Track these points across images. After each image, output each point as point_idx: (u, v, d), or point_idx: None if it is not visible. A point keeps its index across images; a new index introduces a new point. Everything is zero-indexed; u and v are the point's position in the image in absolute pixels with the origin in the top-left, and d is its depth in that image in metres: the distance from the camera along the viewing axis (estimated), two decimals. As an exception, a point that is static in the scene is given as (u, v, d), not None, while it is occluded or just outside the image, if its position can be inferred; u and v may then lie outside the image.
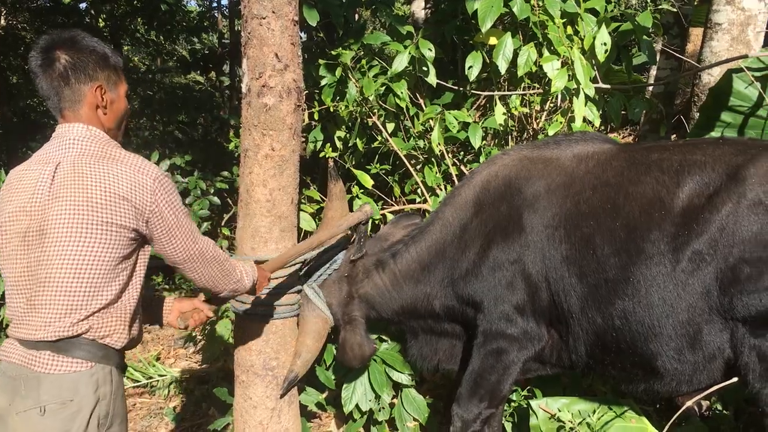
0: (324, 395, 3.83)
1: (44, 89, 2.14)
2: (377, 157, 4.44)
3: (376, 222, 4.05)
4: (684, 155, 2.61)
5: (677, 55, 5.54)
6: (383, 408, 3.67)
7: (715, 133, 3.82)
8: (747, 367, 2.39)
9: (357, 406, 3.61)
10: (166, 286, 6.96)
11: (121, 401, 2.20)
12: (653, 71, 7.14)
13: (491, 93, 4.18)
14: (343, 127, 4.47)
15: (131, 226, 2.07)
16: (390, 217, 4.04)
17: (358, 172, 4.10)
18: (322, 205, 4.15)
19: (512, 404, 3.60)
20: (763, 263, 2.30)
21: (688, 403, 2.60)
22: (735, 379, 2.48)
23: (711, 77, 4.46)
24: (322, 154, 4.37)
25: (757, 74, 3.69)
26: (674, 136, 6.85)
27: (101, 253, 2.04)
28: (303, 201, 4.52)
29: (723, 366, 2.50)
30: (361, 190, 4.00)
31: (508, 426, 3.54)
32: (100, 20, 12.73)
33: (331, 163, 3.51)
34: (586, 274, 2.63)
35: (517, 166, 3.00)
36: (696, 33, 6.69)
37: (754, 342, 2.36)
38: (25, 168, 2.17)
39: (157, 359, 5.06)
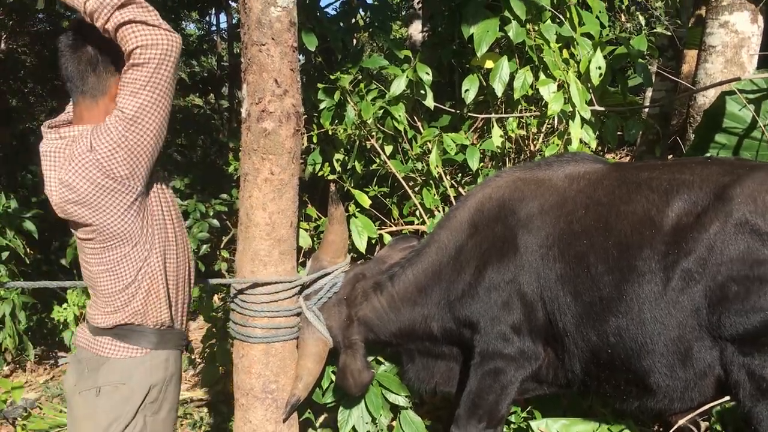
0: (321, 418, 3.82)
1: (69, 70, 2.11)
2: (375, 179, 4.47)
3: (373, 242, 4.07)
4: (673, 174, 2.66)
5: (672, 77, 5.60)
6: (381, 430, 3.66)
7: (710, 154, 3.86)
8: (737, 386, 2.42)
9: (353, 428, 3.60)
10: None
11: (174, 388, 2.35)
12: (649, 92, 7.20)
13: (488, 116, 4.21)
14: (342, 149, 4.50)
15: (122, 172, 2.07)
16: (388, 238, 4.06)
17: (355, 192, 4.13)
18: (319, 222, 4.18)
19: (512, 425, 3.59)
20: (750, 282, 2.33)
21: (681, 422, 2.61)
22: (727, 398, 2.51)
23: (706, 99, 4.51)
24: (320, 173, 4.40)
25: (751, 96, 3.74)
26: (671, 156, 6.90)
27: (117, 226, 2.13)
28: (300, 218, 4.54)
29: (715, 383, 2.52)
30: (358, 209, 4.02)
31: (508, 447, 3.54)
32: (100, 44, 12.82)
33: (332, 187, 3.54)
34: (580, 292, 2.66)
35: (510, 188, 3.03)
36: (691, 55, 6.76)
37: (743, 360, 2.38)
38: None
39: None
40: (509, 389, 2.94)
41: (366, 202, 4.10)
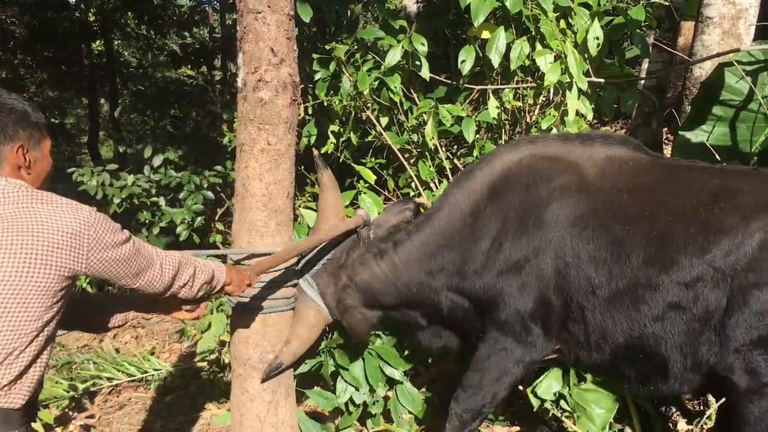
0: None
1: None
2: (371, 151, 4.45)
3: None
4: (724, 179, 2.67)
5: (669, 49, 5.57)
6: (377, 401, 3.70)
7: (706, 127, 3.86)
8: (736, 384, 2.49)
9: (351, 398, 3.64)
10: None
11: None
12: (645, 65, 7.17)
13: (485, 87, 4.19)
14: (337, 121, 4.48)
15: (66, 273, 1.94)
16: None
17: (360, 168, 4.10)
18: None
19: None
20: None
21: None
22: (723, 400, 2.60)
23: (702, 71, 4.51)
24: (323, 149, 4.38)
25: (748, 68, 3.73)
26: (665, 129, 6.89)
27: (30, 303, 1.89)
28: (309, 199, 4.53)
29: (715, 377, 2.58)
30: (366, 185, 3.99)
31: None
32: (90, 15, 12.67)
33: (316, 153, 3.49)
34: (615, 277, 2.64)
35: (545, 157, 2.92)
36: (687, 27, 6.73)
37: (747, 362, 2.45)
38: None
39: (152, 354, 5.07)
40: (515, 371, 2.89)
41: (371, 178, 4.07)
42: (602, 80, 4.00)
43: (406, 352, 3.78)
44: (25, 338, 1.89)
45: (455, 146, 4.67)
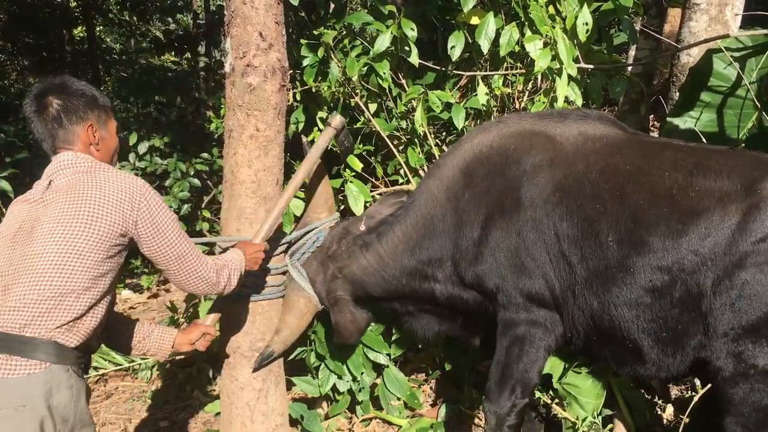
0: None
1: (40, 132, 2.28)
2: (359, 137, 4.42)
3: (367, 205, 4.01)
4: (698, 159, 2.59)
5: (656, 35, 5.58)
6: (363, 388, 3.70)
7: (694, 113, 3.86)
8: (720, 368, 2.44)
9: (335, 386, 3.64)
10: (146, 270, 6.91)
11: (83, 406, 2.16)
12: (632, 52, 7.18)
13: (474, 73, 4.17)
14: (325, 107, 4.44)
15: (118, 229, 2.15)
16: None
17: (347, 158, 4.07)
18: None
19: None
20: (763, 274, 2.33)
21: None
22: (709, 386, 2.53)
23: (690, 57, 4.50)
24: (310, 137, 4.34)
25: (736, 54, 3.73)
26: (651, 116, 6.92)
27: (86, 252, 2.10)
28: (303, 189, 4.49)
29: (699, 361, 2.53)
30: (353, 173, 3.97)
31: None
32: (72, 0, 12.48)
33: (305, 139, 3.49)
34: (586, 257, 2.60)
35: (515, 137, 2.89)
36: (674, 14, 6.74)
37: (732, 346, 2.39)
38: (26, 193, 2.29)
39: (139, 342, 5.03)
40: (538, 354, 2.82)
41: (358, 166, 4.05)
42: (591, 66, 3.98)
43: (393, 338, 3.78)
44: (81, 284, 2.09)
45: (444, 133, 4.64)
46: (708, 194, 2.45)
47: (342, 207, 4.00)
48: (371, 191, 4.19)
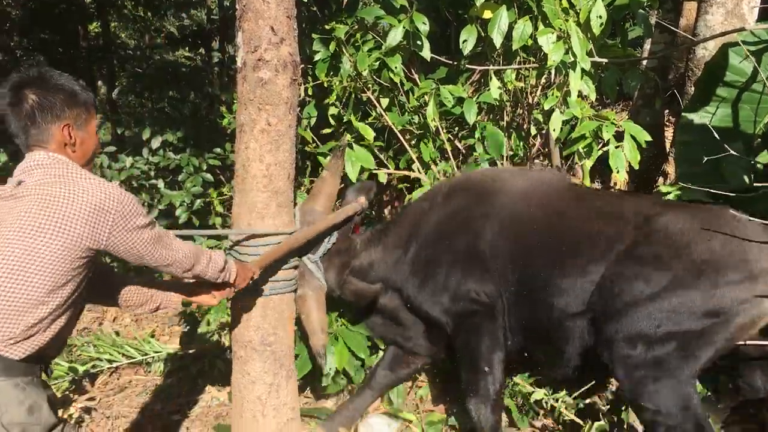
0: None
1: (13, 128, 2.15)
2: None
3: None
4: (607, 203, 3.26)
5: (672, 28, 5.52)
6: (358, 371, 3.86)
7: (710, 108, 3.81)
8: (618, 373, 2.84)
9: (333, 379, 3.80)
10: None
11: (46, 413, 2.07)
12: (647, 46, 7.11)
13: (487, 67, 4.15)
14: (336, 102, 4.44)
15: (86, 243, 2.04)
16: (382, 176, 4.21)
17: (359, 125, 4.07)
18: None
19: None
20: (642, 290, 2.80)
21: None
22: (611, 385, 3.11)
23: (706, 51, 4.46)
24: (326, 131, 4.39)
25: (752, 48, 3.68)
26: (667, 111, 6.85)
27: (46, 261, 1.99)
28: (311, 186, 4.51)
29: (602, 364, 2.91)
30: (362, 142, 4.01)
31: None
32: (86, -5, 12.55)
33: (344, 141, 3.59)
34: (521, 280, 3.16)
35: (489, 180, 3.56)
36: (689, 7, 6.66)
37: (623, 351, 2.79)
38: None
39: (152, 336, 5.05)
40: (494, 336, 3.22)
41: (370, 134, 4.07)
42: (605, 60, 3.95)
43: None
44: (36, 296, 1.99)
45: (456, 128, 4.63)
46: (611, 233, 3.02)
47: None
48: (377, 170, 4.22)
